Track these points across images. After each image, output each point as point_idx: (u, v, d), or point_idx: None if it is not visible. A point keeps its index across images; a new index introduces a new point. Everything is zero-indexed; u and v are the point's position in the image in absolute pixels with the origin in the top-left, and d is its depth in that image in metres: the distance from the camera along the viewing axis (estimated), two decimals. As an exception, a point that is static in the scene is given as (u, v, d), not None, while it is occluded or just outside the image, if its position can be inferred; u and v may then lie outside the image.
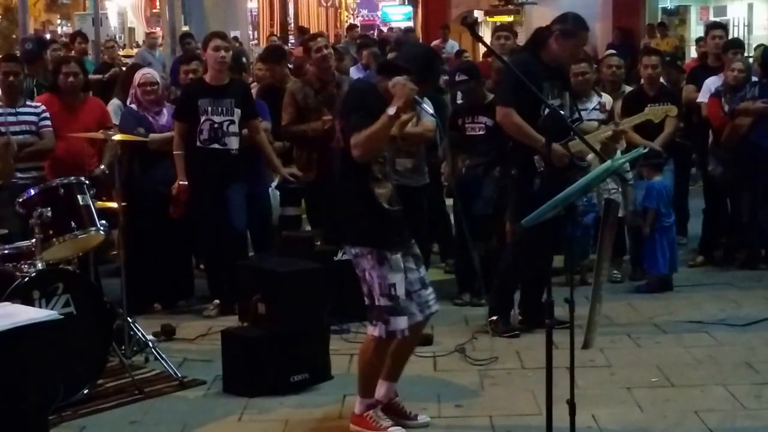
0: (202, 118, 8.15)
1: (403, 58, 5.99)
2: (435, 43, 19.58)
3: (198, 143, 8.16)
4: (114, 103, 9.29)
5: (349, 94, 6.08)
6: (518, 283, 7.78)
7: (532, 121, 7.24)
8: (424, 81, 5.67)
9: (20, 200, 6.72)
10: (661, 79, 9.88)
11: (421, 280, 5.77)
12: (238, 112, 8.23)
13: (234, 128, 8.22)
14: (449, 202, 9.21)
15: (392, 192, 5.67)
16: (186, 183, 8.10)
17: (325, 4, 50.15)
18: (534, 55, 7.60)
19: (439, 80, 5.55)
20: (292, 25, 38.78)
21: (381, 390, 5.89)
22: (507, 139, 7.51)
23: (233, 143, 8.22)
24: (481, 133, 8.43)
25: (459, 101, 9.13)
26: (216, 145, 8.18)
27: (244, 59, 14.12)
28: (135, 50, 30.76)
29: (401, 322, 5.61)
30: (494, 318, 7.68)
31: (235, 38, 18.76)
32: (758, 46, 10.75)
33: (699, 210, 10.01)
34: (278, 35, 29.71)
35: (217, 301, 8.34)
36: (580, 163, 7.68)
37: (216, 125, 8.18)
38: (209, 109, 8.17)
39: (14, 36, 31.09)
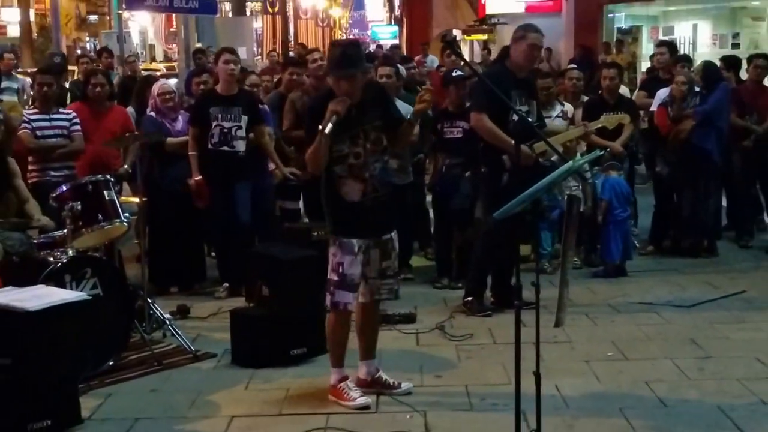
0: (213, 124, 8.14)
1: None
2: (417, 58, 19.54)
3: (209, 146, 8.15)
4: (129, 111, 9.30)
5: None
6: (491, 267, 7.78)
7: (501, 125, 7.25)
8: (337, 73, 5.58)
9: (54, 195, 6.72)
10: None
11: (381, 271, 5.77)
12: (245, 118, 8.22)
13: (241, 133, 8.21)
14: (430, 198, 9.19)
15: (363, 186, 5.63)
16: (201, 178, 8.09)
17: (321, 24, 50.17)
18: (504, 67, 7.65)
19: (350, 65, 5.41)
20: (292, 42, 38.76)
21: (362, 369, 5.93)
22: (478, 140, 7.53)
23: (240, 146, 8.20)
24: (459, 136, 8.45)
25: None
26: (225, 148, 8.16)
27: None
28: (154, 64, 30.77)
29: (345, 296, 5.67)
30: (469, 299, 7.69)
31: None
32: (703, 61, 10.75)
33: (649, 206, 10.02)
34: (278, 51, 29.64)
35: (226, 285, 8.32)
36: (543, 162, 7.71)
37: (225, 130, 8.17)
38: (219, 115, 8.16)
39: (48, 51, 31.01)
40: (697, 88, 9.39)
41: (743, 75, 10.75)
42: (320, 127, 5.39)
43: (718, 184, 9.61)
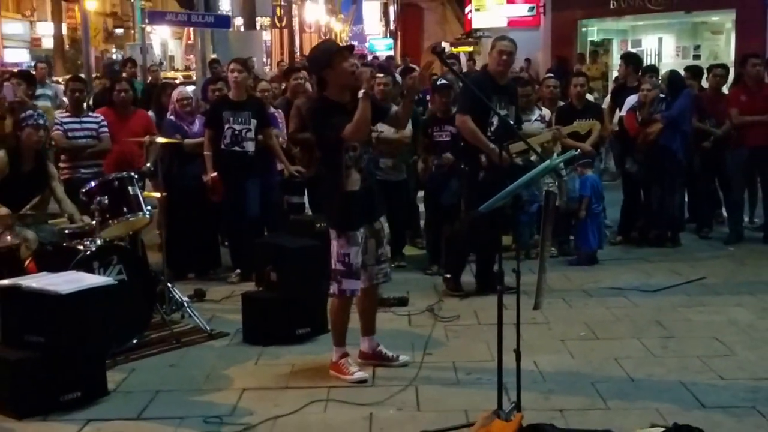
0: (226, 127, 8.13)
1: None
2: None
3: (222, 146, 8.14)
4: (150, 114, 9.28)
5: (310, 113, 5.94)
6: (469, 252, 7.84)
7: (483, 127, 7.24)
8: (332, 62, 5.53)
9: (83, 190, 6.72)
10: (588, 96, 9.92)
11: (377, 257, 5.79)
12: (254, 122, 8.21)
13: (251, 135, 8.19)
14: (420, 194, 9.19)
15: (361, 176, 5.61)
16: (216, 174, 8.08)
17: (323, 37, 50.01)
18: (486, 75, 7.67)
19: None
20: (298, 53, 38.68)
21: (364, 344, 5.94)
22: (460, 140, 7.52)
23: (250, 146, 8.19)
24: (447, 139, 8.46)
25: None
26: (236, 148, 8.15)
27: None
28: (173, 73, 30.69)
29: (352, 284, 5.65)
30: (448, 276, 7.73)
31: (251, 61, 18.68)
32: (668, 70, 10.75)
33: (618, 200, 10.01)
34: (286, 61, 29.55)
35: (238, 271, 8.31)
36: (518, 162, 7.73)
37: (236, 132, 8.16)
38: (231, 119, 8.15)
39: (79, 62, 30.91)
40: (662, 95, 9.40)
41: (705, 84, 10.74)
42: (360, 92, 5.39)
43: (682, 181, 9.61)
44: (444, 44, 28.21)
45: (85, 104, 9.36)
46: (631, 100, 9.71)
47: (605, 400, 5.25)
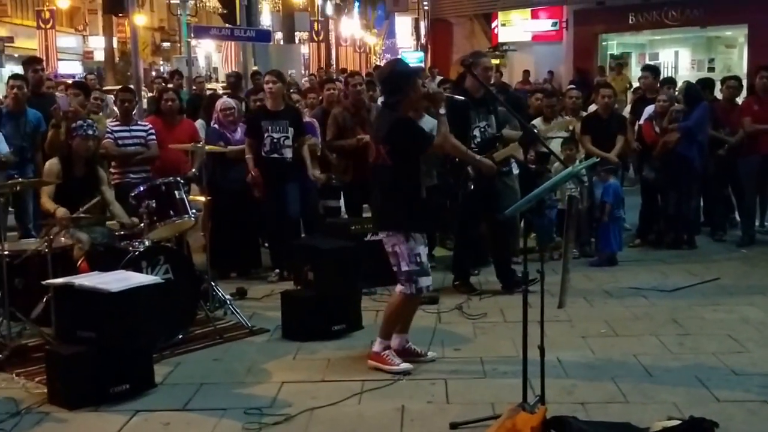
0: (265, 135, 8.16)
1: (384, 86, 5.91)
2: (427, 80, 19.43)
3: (263, 153, 8.16)
4: (198, 122, 9.35)
5: (395, 129, 5.63)
6: (467, 257, 7.89)
7: (464, 141, 7.15)
8: (406, 88, 5.57)
9: (133, 194, 6.75)
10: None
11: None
12: (291, 130, 8.23)
13: (288, 142, 8.21)
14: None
15: (424, 186, 5.68)
16: (258, 171, 8.09)
17: (358, 50, 50.03)
18: (460, 91, 7.60)
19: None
20: (334, 66, 38.72)
21: (395, 341, 5.88)
22: (447, 157, 7.35)
23: (288, 153, 8.21)
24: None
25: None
26: (275, 155, 8.17)
27: (293, 89, 14.08)
28: (214, 84, 30.80)
29: (427, 281, 5.69)
30: (457, 282, 7.73)
31: (291, 75, 18.75)
32: (684, 82, 10.66)
33: (636, 205, 9.93)
34: (324, 72, 29.56)
35: (277, 271, 8.32)
36: (503, 168, 7.81)
37: (275, 140, 8.18)
38: (270, 128, 8.17)
39: (128, 73, 31.15)
40: (678, 106, 9.32)
41: (718, 94, 10.64)
42: (441, 110, 5.62)
43: (697, 187, 9.53)
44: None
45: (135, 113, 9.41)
46: (649, 109, 9.64)
47: (625, 394, 5.20)
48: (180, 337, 6.30)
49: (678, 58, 24.11)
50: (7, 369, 5.77)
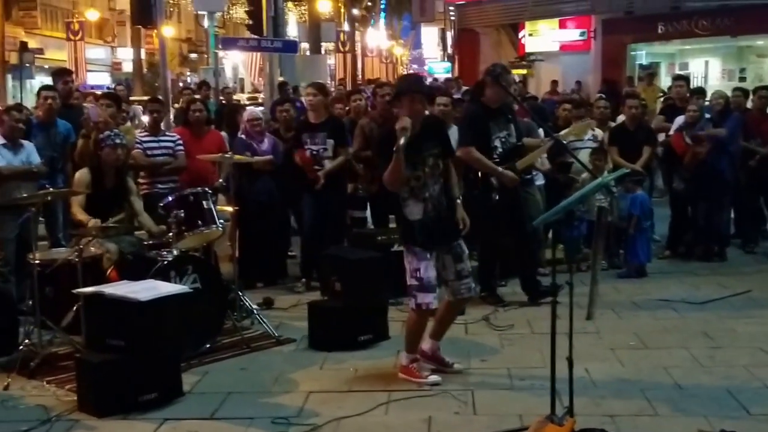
0: (305, 147, 8.21)
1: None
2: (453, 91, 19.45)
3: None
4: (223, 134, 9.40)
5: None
6: (492, 269, 7.87)
7: (486, 152, 7.20)
8: (405, 95, 5.59)
9: (162, 204, 6.83)
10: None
11: (457, 273, 5.73)
12: (330, 142, 8.25)
13: (327, 154, 8.24)
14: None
15: (424, 206, 5.58)
16: (303, 151, 8.14)
17: (384, 61, 50.20)
18: (479, 104, 7.58)
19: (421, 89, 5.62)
20: (360, 76, 38.85)
21: (427, 344, 5.90)
22: (469, 169, 7.40)
23: (327, 165, 8.22)
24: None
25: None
26: (315, 167, 8.19)
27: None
28: (240, 95, 31.02)
29: (426, 297, 5.60)
30: (484, 294, 7.70)
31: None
32: (714, 92, 10.61)
33: (665, 216, 9.88)
34: (345, 84, 29.63)
35: (304, 280, 8.33)
36: (525, 176, 7.84)
37: (314, 153, 8.21)
38: (308, 140, 8.23)
39: (156, 84, 31.43)
40: (708, 116, 9.29)
41: (749, 104, 10.57)
42: (395, 147, 5.33)
43: (729, 198, 9.47)
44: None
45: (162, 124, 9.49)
46: (679, 120, 9.60)
47: (654, 407, 5.18)
48: (207, 346, 6.35)
49: (708, 68, 24.00)
50: (37, 376, 5.85)
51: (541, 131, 8.43)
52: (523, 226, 7.53)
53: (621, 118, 10.00)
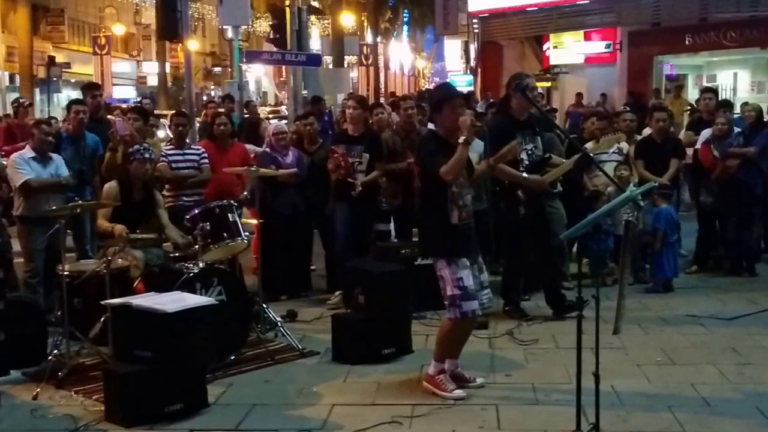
0: None
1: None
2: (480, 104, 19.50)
3: (338, 177, 8.21)
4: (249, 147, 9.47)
5: (420, 143, 6.00)
6: (515, 283, 7.86)
7: (513, 165, 7.18)
8: (446, 102, 5.68)
9: (188, 217, 6.89)
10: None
11: (480, 283, 5.80)
12: (365, 156, 8.28)
13: (361, 167, 8.26)
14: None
15: (459, 213, 5.66)
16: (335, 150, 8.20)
17: (407, 74, 50.28)
18: (506, 116, 7.57)
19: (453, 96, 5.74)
20: (383, 89, 38.92)
21: (446, 365, 5.91)
22: (495, 181, 7.37)
23: (361, 178, 8.24)
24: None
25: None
26: (349, 179, 8.21)
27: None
28: (262, 108, 31.15)
29: (472, 305, 5.66)
30: (507, 308, 7.72)
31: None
32: (744, 103, 10.54)
33: (693, 230, 9.84)
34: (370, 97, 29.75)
35: (338, 293, 8.21)
36: (551, 190, 7.88)
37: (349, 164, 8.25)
38: (345, 152, 8.25)
39: (181, 98, 31.69)
40: (737, 129, 9.25)
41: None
42: (460, 139, 5.44)
43: (759, 213, 9.42)
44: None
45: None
46: (705, 133, 9.56)
47: (682, 424, 5.17)
48: (232, 357, 6.40)
49: (737, 80, 23.85)
50: (66, 386, 5.93)
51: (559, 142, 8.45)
52: (548, 240, 7.56)
53: (647, 131, 9.98)
